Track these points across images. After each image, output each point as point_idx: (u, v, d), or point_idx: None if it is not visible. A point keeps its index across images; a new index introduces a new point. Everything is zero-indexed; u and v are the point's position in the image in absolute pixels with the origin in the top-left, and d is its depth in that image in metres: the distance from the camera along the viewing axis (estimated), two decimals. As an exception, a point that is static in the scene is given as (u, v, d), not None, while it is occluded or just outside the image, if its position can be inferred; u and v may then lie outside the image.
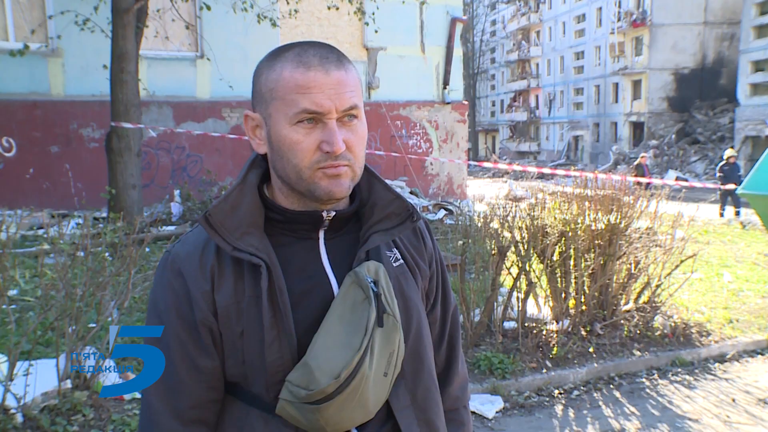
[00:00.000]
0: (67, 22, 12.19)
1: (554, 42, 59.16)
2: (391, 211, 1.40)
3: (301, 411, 1.23)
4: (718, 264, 10.08)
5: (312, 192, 1.28)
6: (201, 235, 1.32)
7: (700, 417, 4.98)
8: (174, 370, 1.27)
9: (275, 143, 1.28)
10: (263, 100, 1.29)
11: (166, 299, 1.28)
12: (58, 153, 14.51)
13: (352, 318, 1.27)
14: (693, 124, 42.69)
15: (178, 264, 1.29)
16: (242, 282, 1.27)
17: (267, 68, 1.29)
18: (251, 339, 1.26)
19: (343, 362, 1.22)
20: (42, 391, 4.30)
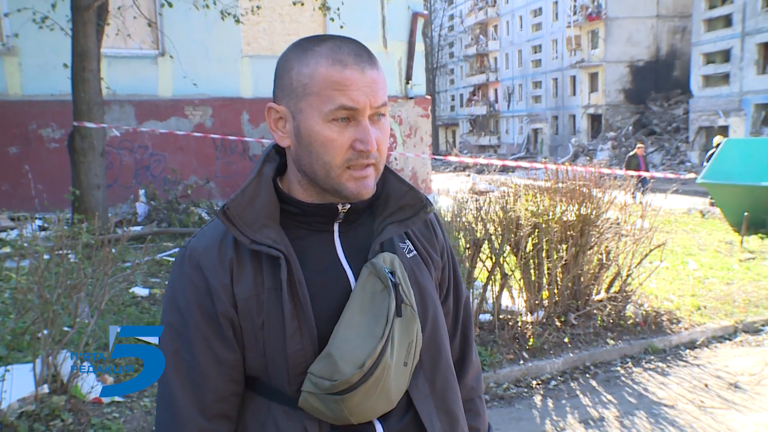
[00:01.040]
0: (24, 20, 11.92)
1: (512, 36, 59.67)
2: (405, 203, 1.41)
3: (325, 402, 1.24)
4: (683, 252, 10.29)
5: (339, 191, 1.29)
6: (218, 229, 1.32)
7: (676, 403, 5.08)
8: (197, 364, 1.27)
9: (305, 138, 1.28)
10: (293, 94, 1.28)
11: (186, 293, 1.28)
12: (17, 154, 14.20)
13: (371, 308, 1.29)
14: (649, 115, 43.49)
15: (196, 258, 1.29)
16: (261, 274, 1.28)
17: (298, 62, 1.28)
18: (272, 331, 1.26)
19: (367, 351, 1.24)
20: (18, 397, 4.21)
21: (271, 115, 1.33)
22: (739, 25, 35.72)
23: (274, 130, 1.33)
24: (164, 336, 1.30)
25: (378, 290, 1.31)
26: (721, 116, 36.25)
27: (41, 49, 13.71)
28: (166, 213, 12.30)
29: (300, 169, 1.32)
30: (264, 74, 16.34)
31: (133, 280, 7.46)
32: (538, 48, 55.69)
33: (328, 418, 1.26)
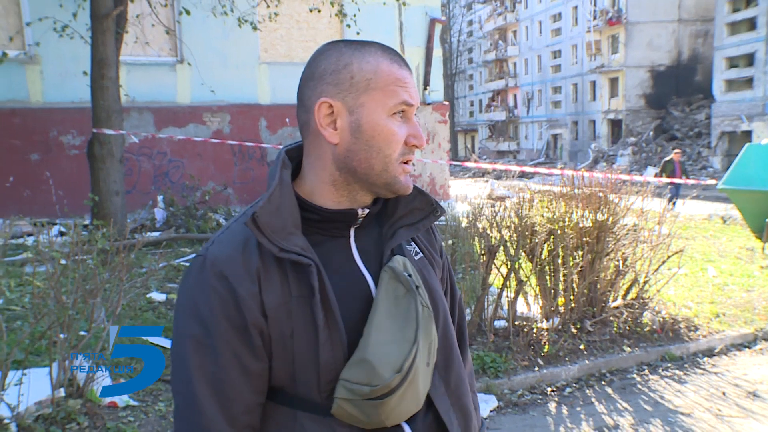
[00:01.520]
0: (45, 29, 12.07)
1: (531, 41, 59.52)
2: (415, 206, 1.43)
3: (362, 408, 1.25)
4: (702, 259, 10.19)
5: (391, 185, 1.32)
6: (237, 236, 1.29)
7: (692, 411, 5.03)
8: (225, 376, 1.24)
9: (367, 132, 1.29)
10: (353, 89, 1.28)
11: (211, 303, 1.23)
12: (38, 161, 14.36)
13: (397, 312, 1.31)
14: (670, 120, 43.16)
15: (219, 267, 1.24)
16: (287, 282, 1.26)
17: (357, 58, 1.29)
18: (302, 339, 1.25)
19: (403, 355, 1.26)
20: (35, 401, 4.26)
21: (323, 110, 1.30)
22: (764, 28, 35.37)
23: (324, 128, 1.30)
24: (184, 349, 1.24)
25: (401, 294, 1.33)
26: (744, 121, 35.88)
27: (61, 57, 13.88)
28: (184, 219, 12.38)
29: (347, 166, 1.31)
30: (282, 81, 16.43)
31: (149, 286, 7.51)
32: (557, 53, 55.50)
33: (363, 423, 1.27)
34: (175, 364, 1.25)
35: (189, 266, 1.30)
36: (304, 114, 1.33)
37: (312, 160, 1.34)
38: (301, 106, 1.34)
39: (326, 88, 1.29)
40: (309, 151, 1.35)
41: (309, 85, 1.31)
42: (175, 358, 1.26)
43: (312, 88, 1.31)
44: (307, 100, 1.31)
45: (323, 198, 1.34)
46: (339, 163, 1.31)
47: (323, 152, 1.32)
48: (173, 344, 1.27)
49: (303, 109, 1.33)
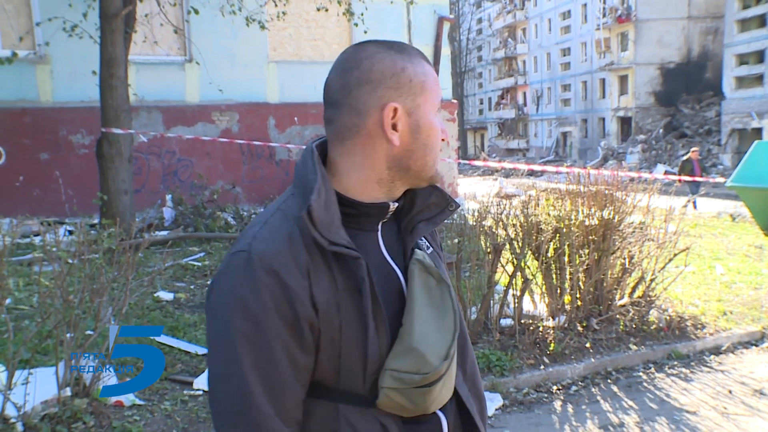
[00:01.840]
0: (54, 29, 12.14)
1: (540, 39, 59.36)
2: (432, 201, 1.47)
3: (409, 396, 1.29)
4: (710, 257, 10.15)
5: (433, 178, 1.40)
6: (280, 231, 1.28)
7: (698, 409, 5.02)
8: (278, 371, 1.23)
9: (425, 131, 1.35)
10: (411, 91, 1.33)
11: (262, 299, 1.21)
12: (48, 160, 14.44)
13: (431, 302, 1.37)
14: (680, 117, 42.95)
15: (268, 262, 1.23)
16: (333, 276, 1.28)
17: (408, 61, 1.34)
18: (350, 332, 1.27)
19: (447, 342, 1.34)
20: (42, 400, 4.28)
21: (389, 115, 1.32)
22: (774, 25, 35.16)
23: (392, 132, 1.33)
24: (234, 347, 1.22)
25: (432, 285, 1.39)
26: (754, 118, 35.68)
27: (71, 56, 13.95)
28: (192, 218, 12.42)
29: (401, 165, 1.35)
30: (290, 79, 16.46)
31: (155, 285, 7.55)
32: (566, 51, 55.32)
33: (407, 411, 1.32)
34: (223, 363, 1.24)
35: (228, 263, 1.27)
36: (355, 117, 1.32)
37: (359, 160, 1.35)
38: (350, 110, 1.32)
39: (387, 92, 1.32)
40: (354, 152, 1.35)
41: (364, 90, 1.31)
42: (221, 357, 1.24)
43: (369, 92, 1.31)
44: (362, 105, 1.31)
45: (363, 194, 1.36)
46: (392, 162, 1.35)
47: (375, 152, 1.34)
48: (217, 344, 1.25)
49: (353, 112, 1.32)
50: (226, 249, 10.42)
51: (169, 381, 5.13)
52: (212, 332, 1.26)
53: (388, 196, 1.38)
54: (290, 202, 1.34)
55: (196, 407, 4.73)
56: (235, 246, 1.30)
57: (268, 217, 1.32)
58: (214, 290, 1.28)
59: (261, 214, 1.37)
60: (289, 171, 16.38)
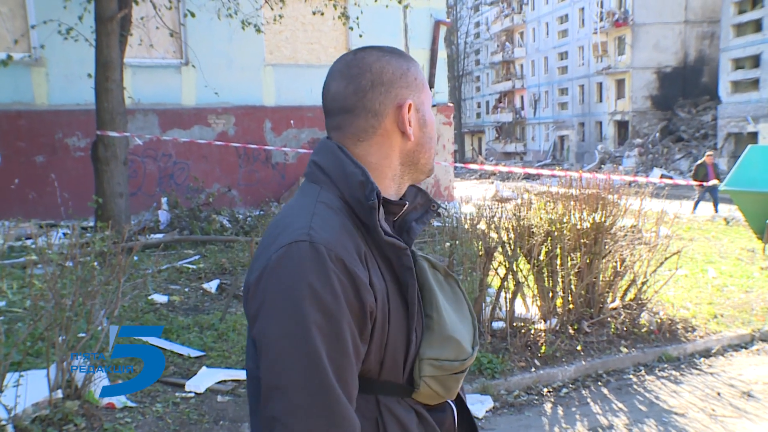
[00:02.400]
0: (50, 32, 12.16)
1: (538, 43, 59.45)
2: (418, 202, 1.54)
3: (446, 383, 1.37)
4: (703, 260, 10.18)
5: (432, 170, 1.49)
6: (333, 221, 1.28)
7: (687, 411, 5.04)
8: (347, 362, 1.21)
9: (429, 125, 1.46)
10: (416, 89, 1.42)
11: (333, 288, 1.19)
12: (44, 163, 14.46)
13: (446, 295, 1.46)
14: (676, 122, 43.03)
15: (335, 251, 1.22)
16: (379, 266, 1.31)
17: (407, 61, 1.43)
18: (396, 322, 1.30)
19: (471, 330, 1.45)
20: (33, 402, 4.29)
21: (407, 112, 1.40)
22: (770, 29, 35.25)
23: (409, 127, 1.41)
24: (310, 339, 1.17)
25: (441, 279, 1.49)
26: (750, 122, 35.76)
27: (67, 59, 13.97)
28: (188, 221, 12.44)
29: (412, 159, 1.45)
30: (286, 83, 16.49)
31: (146, 287, 7.57)
32: (564, 55, 55.42)
33: (438, 398, 1.39)
34: (298, 356, 1.17)
35: (284, 254, 1.23)
36: (372, 118, 1.38)
37: (377, 159, 1.41)
38: (366, 112, 1.38)
39: (401, 91, 1.40)
40: (370, 152, 1.41)
41: (378, 91, 1.38)
42: (295, 349, 1.18)
43: (384, 93, 1.39)
44: (379, 105, 1.38)
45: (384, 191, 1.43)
46: (405, 157, 1.44)
47: (392, 150, 1.42)
48: (288, 336, 1.18)
49: (370, 114, 1.38)
50: (221, 252, 10.43)
51: (161, 383, 5.14)
52: (275, 326, 1.20)
53: (398, 192, 1.46)
54: (326, 195, 1.34)
55: (188, 409, 4.75)
56: (282, 237, 1.26)
57: (312, 208, 1.30)
58: (267, 284, 1.23)
59: (295, 208, 1.34)
60: (285, 174, 16.40)
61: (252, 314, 1.26)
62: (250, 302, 1.27)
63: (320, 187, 1.36)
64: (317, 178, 1.38)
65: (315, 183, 1.38)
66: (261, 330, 1.22)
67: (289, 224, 1.28)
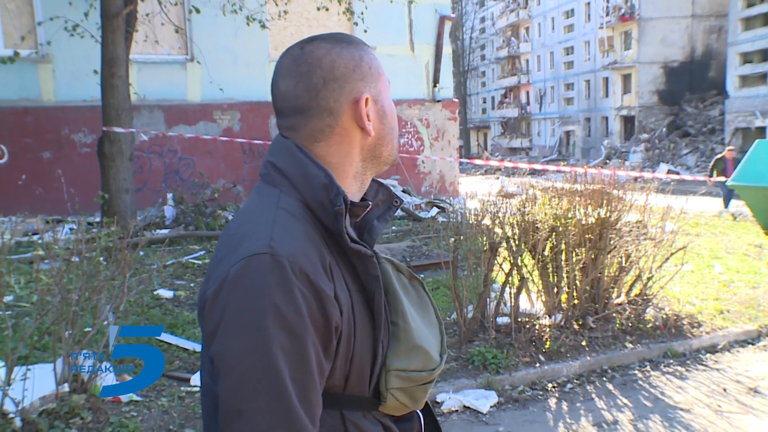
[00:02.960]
0: (56, 29, 12.20)
1: (543, 38, 59.31)
2: (380, 198, 1.45)
3: (413, 394, 1.31)
4: (709, 256, 10.16)
5: (394, 160, 1.41)
6: (297, 230, 1.19)
7: (692, 407, 5.04)
8: (311, 381, 1.13)
9: (389, 116, 1.37)
10: (371, 79, 1.33)
11: (297, 307, 1.11)
12: (51, 159, 14.51)
13: (411, 299, 1.38)
14: (683, 116, 42.89)
15: (298, 265, 1.13)
16: (344, 275, 1.24)
17: (359, 49, 1.33)
18: (362, 334, 1.23)
19: (438, 337, 1.37)
20: (40, 395, 4.33)
21: (364, 106, 1.31)
22: (778, 23, 35.09)
23: (368, 122, 1.32)
24: (271, 361, 1.09)
25: (406, 282, 1.41)
26: (758, 117, 35.62)
27: (73, 56, 14.01)
28: (193, 216, 12.47)
29: (374, 154, 1.36)
30: (292, 78, 16.46)
31: (152, 282, 7.59)
32: (570, 50, 55.28)
33: (406, 410, 1.33)
34: (256, 378, 1.09)
35: (244, 268, 1.13)
36: (327, 117, 1.29)
37: (338, 159, 1.32)
38: (321, 111, 1.29)
39: (356, 85, 1.30)
40: (329, 152, 1.31)
41: (332, 88, 1.28)
42: (254, 371, 1.09)
43: (338, 89, 1.28)
44: (334, 103, 1.28)
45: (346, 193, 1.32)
46: (366, 153, 1.35)
47: (352, 148, 1.33)
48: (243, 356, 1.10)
49: (325, 113, 1.29)
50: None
51: (166, 377, 5.17)
52: (235, 346, 1.11)
53: (360, 190, 1.37)
54: (287, 200, 1.25)
55: (193, 403, 4.77)
56: (241, 249, 1.17)
57: (272, 215, 1.21)
58: (226, 300, 1.14)
59: (254, 214, 1.26)
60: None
61: (209, 331, 1.16)
62: (207, 318, 1.17)
63: (279, 191, 1.26)
64: (275, 180, 1.28)
65: (273, 186, 1.28)
66: (220, 349, 1.13)
67: (249, 234, 1.19)
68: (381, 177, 11.70)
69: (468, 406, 5.01)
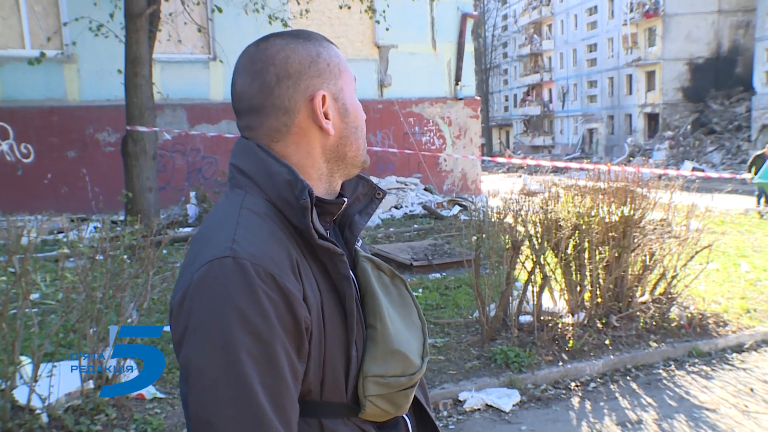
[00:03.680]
0: (81, 29, 12.32)
1: (566, 35, 58.95)
2: (360, 192, 1.40)
3: (394, 400, 1.26)
4: (735, 254, 10.04)
5: (364, 162, 1.35)
6: (262, 230, 1.16)
7: (718, 407, 4.98)
8: (284, 386, 1.10)
9: (352, 114, 1.30)
10: (332, 75, 1.27)
11: (263, 310, 1.07)
12: (75, 158, 14.67)
13: (392, 300, 1.32)
14: (708, 113, 42.43)
15: (263, 266, 1.09)
16: (314, 275, 1.20)
17: (319, 46, 1.28)
18: (334, 336, 1.19)
19: (420, 339, 1.31)
20: (65, 392, 4.38)
21: (318, 104, 1.25)
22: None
23: (326, 121, 1.26)
24: (238, 368, 1.06)
25: (387, 282, 1.35)
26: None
27: (98, 56, 14.15)
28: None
29: (337, 154, 1.29)
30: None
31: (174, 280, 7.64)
32: (593, 47, 54.90)
33: (388, 416, 1.27)
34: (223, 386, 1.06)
35: (206, 273, 1.11)
36: (283, 116, 1.25)
37: (297, 159, 1.27)
38: (276, 110, 1.25)
39: (312, 82, 1.25)
40: (287, 152, 1.27)
41: (286, 85, 1.24)
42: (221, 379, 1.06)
43: (292, 87, 1.24)
44: (288, 101, 1.24)
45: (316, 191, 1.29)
46: (329, 154, 1.29)
47: (312, 148, 1.27)
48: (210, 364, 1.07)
49: (280, 112, 1.25)
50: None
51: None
52: (201, 354, 1.08)
53: (329, 192, 1.32)
54: (252, 200, 1.21)
55: (216, 401, 4.79)
56: (203, 253, 1.14)
57: (236, 217, 1.18)
58: (191, 306, 1.11)
59: (217, 217, 1.22)
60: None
61: (176, 340, 1.13)
62: (174, 326, 1.14)
63: (245, 192, 1.23)
64: (240, 182, 1.25)
65: (239, 188, 1.25)
66: (187, 358, 1.09)
67: (211, 237, 1.16)
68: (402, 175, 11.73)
69: (490, 405, 4.99)
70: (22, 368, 4.30)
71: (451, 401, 5.07)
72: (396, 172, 17.32)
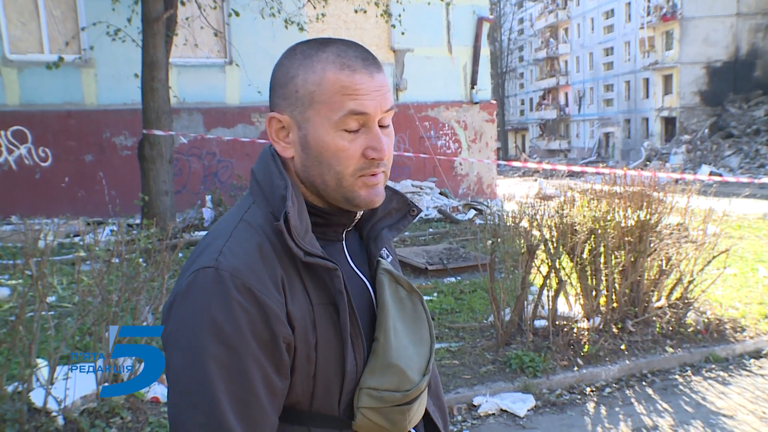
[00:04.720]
0: (99, 33, 12.42)
1: (583, 39, 58.74)
2: (393, 207, 1.39)
3: (389, 415, 1.23)
4: (753, 259, 9.94)
5: (350, 200, 1.23)
6: (248, 243, 1.17)
7: (735, 413, 4.93)
8: (255, 398, 1.11)
9: (315, 149, 1.21)
10: (299, 103, 1.21)
11: (236, 320, 1.09)
12: (92, 161, 14.79)
13: (404, 314, 1.31)
14: (726, 117, 42.06)
15: (241, 278, 1.11)
16: (306, 289, 1.19)
17: (303, 68, 1.22)
18: (326, 349, 1.19)
19: (425, 356, 1.29)
20: (81, 395, 4.40)
21: (273, 125, 1.25)
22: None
23: (277, 141, 1.25)
24: (205, 374, 1.08)
25: (404, 296, 1.33)
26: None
27: (115, 60, 14.25)
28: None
29: (307, 179, 1.24)
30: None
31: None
32: (609, 50, 54.66)
33: (382, 431, 1.25)
34: (193, 393, 1.09)
35: (191, 281, 1.14)
36: None
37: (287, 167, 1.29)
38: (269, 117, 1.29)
39: (277, 101, 1.25)
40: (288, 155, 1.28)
41: (272, 93, 1.28)
42: (191, 386, 1.09)
43: (270, 98, 1.28)
44: (271, 108, 1.28)
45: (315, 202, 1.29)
46: (302, 176, 1.26)
47: (286, 164, 1.28)
48: (185, 372, 1.10)
49: None
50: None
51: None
52: (177, 359, 1.12)
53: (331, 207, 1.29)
54: (254, 212, 1.24)
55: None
56: (197, 262, 1.17)
57: (232, 228, 1.20)
58: (175, 312, 1.15)
59: (220, 225, 1.25)
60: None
61: (162, 344, 1.17)
62: (163, 330, 1.17)
63: (253, 201, 1.26)
64: (253, 189, 1.28)
65: (251, 195, 1.28)
66: (167, 362, 1.14)
67: (208, 246, 1.18)
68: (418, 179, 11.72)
69: (505, 410, 4.97)
70: (39, 371, 4.34)
71: (465, 406, 5.06)
72: (411, 176, 17.33)
